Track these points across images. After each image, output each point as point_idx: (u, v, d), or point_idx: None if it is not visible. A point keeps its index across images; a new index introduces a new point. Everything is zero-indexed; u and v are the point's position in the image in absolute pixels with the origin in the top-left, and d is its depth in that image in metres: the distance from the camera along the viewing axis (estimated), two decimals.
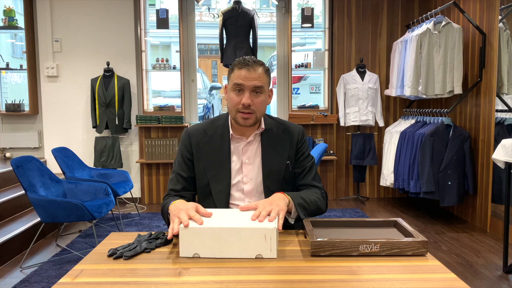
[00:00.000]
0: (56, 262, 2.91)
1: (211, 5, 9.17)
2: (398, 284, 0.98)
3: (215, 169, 1.53)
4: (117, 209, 4.24)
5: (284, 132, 1.59)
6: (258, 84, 1.45)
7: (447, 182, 3.65)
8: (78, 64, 4.64)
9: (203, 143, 1.55)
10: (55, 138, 4.69)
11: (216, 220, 1.19)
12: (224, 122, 1.57)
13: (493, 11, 3.48)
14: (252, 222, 1.16)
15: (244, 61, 1.46)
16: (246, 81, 1.44)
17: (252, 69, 1.45)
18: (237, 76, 1.45)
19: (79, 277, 1.03)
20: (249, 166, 1.54)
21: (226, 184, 1.51)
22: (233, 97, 1.47)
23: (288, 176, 1.57)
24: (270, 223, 1.15)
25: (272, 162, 1.54)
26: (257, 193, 1.54)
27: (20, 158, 2.85)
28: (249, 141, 1.55)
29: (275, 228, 1.12)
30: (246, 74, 1.44)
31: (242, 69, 1.45)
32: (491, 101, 3.52)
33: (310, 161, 1.60)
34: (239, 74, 1.45)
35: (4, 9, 4.59)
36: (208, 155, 1.54)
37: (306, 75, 6.84)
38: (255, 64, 1.46)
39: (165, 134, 4.68)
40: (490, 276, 2.66)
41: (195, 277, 1.02)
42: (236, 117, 1.48)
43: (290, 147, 1.57)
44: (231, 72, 1.49)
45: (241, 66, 1.45)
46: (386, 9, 4.71)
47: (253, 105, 1.45)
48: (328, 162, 4.75)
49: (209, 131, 1.56)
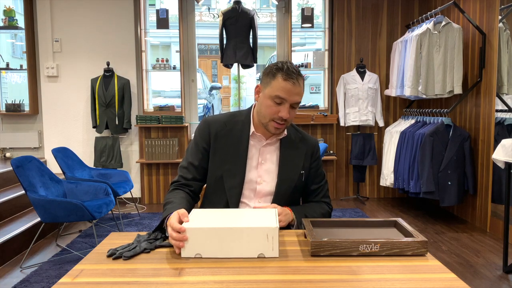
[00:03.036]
0: (56, 262, 2.91)
1: (211, 5, 9.17)
2: (398, 284, 0.98)
3: (231, 163, 1.50)
4: (117, 209, 4.24)
5: (301, 141, 1.58)
6: (299, 100, 1.44)
7: (447, 182, 3.65)
8: (78, 64, 4.64)
9: (221, 135, 1.52)
10: (55, 138, 4.69)
11: (218, 220, 1.19)
12: (245, 119, 1.54)
13: (493, 11, 3.48)
14: (254, 222, 1.16)
15: (289, 72, 1.38)
16: (289, 96, 1.39)
17: (297, 83, 1.39)
18: (281, 88, 1.39)
19: (79, 277, 1.03)
20: (265, 167, 1.52)
21: (239, 180, 1.49)
22: (271, 106, 1.42)
23: (299, 185, 1.56)
24: (271, 222, 1.15)
25: (288, 169, 1.53)
26: (268, 195, 1.53)
27: (20, 158, 2.85)
28: (268, 142, 1.53)
29: (276, 228, 1.12)
30: (291, 88, 1.38)
31: (287, 81, 1.38)
32: (491, 101, 3.52)
33: (324, 179, 1.63)
34: (284, 86, 1.38)
35: (4, 9, 4.59)
36: (225, 148, 1.51)
37: (306, 75, 6.84)
38: (299, 78, 1.41)
39: (165, 134, 4.68)
40: (490, 276, 2.66)
41: (195, 277, 1.02)
42: (268, 125, 1.46)
43: (305, 158, 1.56)
44: (272, 78, 1.41)
45: (286, 77, 1.38)
46: (386, 9, 4.71)
47: (288, 118, 1.43)
48: (328, 162, 4.75)
49: (229, 125, 1.53)
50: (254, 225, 1.13)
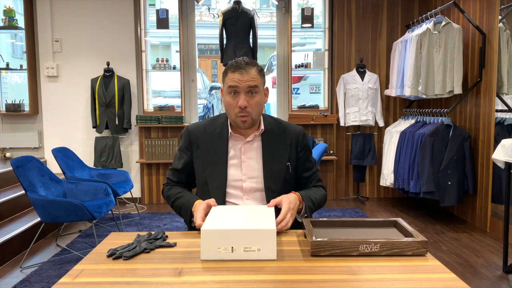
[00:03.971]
0: (56, 262, 2.91)
1: (211, 5, 9.18)
2: (398, 284, 0.98)
3: (212, 167, 1.55)
4: (117, 209, 4.24)
5: (284, 133, 1.60)
6: (252, 84, 1.46)
7: (447, 182, 3.65)
8: (78, 64, 4.64)
9: (201, 140, 1.57)
10: (55, 138, 4.69)
11: (221, 220, 1.19)
12: (224, 121, 1.59)
13: (493, 11, 3.48)
14: (252, 224, 1.16)
15: (237, 63, 1.47)
16: (240, 83, 1.46)
17: (245, 71, 1.46)
18: (230, 79, 1.47)
19: (79, 277, 1.03)
20: (248, 165, 1.55)
21: (222, 180, 1.53)
22: (229, 101, 1.49)
23: (288, 177, 1.57)
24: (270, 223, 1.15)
25: (273, 163, 1.55)
26: (256, 191, 1.54)
27: (20, 158, 2.85)
28: (248, 140, 1.56)
29: (274, 230, 1.11)
30: (239, 77, 1.46)
31: (235, 72, 1.46)
32: (491, 101, 3.52)
33: (315, 166, 1.66)
34: (233, 77, 1.46)
35: (4, 9, 4.59)
36: (206, 153, 1.56)
37: (306, 75, 6.85)
38: (247, 66, 1.47)
39: (165, 134, 4.68)
40: (490, 276, 2.66)
41: (195, 277, 1.02)
42: (236, 121, 1.50)
43: (290, 148, 1.58)
44: (225, 75, 1.51)
45: (234, 69, 1.47)
46: (386, 9, 4.71)
47: (249, 107, 1.46)
48: (328, 162, 4.75)
49: (209, 129, 1.59)
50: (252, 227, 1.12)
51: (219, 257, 1.11)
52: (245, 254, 1.11)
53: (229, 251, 1.11)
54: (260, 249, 1.11)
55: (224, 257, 1.11)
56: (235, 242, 1.11)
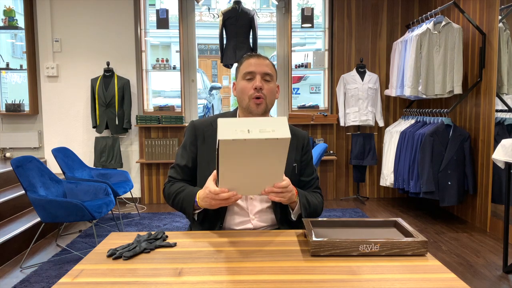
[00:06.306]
0: (56, 262, 2.91)
1: (211, 5, 9.18)
2: (398, 284, 0.98)
3: None
4: (117, 209, 4.24)
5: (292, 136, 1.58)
6: (268, 71, 1.50)
7: (447, 182, 3.65)
8: (78, 64, 4.64)
9: (208, 135, 1.55)
10: (55, 138, 4.69)
11: None
12: (232, 117, 1.57)
13: (493, 11, 3.48)
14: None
15: (252, 54, 1.54)
16: (256, 67, 1.49)
17: (261, 57, 1.52)
18: (247, 64, 1.50)
19: (79, 277, 1.03)
20: None
21: None
22: (245, 85, 1.50)
23: (294, 179, 1.56)
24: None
25: None
26: None
27: (20, 158, 2.85)
28: None
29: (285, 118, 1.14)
30: (256, 62, 1.50)
31: (251, 58, 1.51)
32: (491, 101, 3.52)
33: (315, 172, 1.65)
34: (249, 62, 1.50)
35: (4, 9, 4.59)
36: (212, 148, 1.53)
37: (306, 75, 6.85)
38: (262, 57, 1.54)
39: (165, 134, 4.68)
40: (490, 276, 2.66)
41: (195, 277, 1.02)
42: (250, 106, 1.50)
43: (296, 150, 1.58)
44: (240, 65, 1.54)
45: (249, 56, 1.52)
46: (386, 9, 4.71)
47: (264, 90, 1.48)
48: (328, 162, 4.75)
49: (215, 124, 1.55)
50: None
51: (236, 137, 1.09)
52: (260, 134, 1.10)
53: (246, 132, 1.10)
54: (274, 130, 1.11)
55: (240, 136, 1.09)
56: (251, 127, 1.11)
